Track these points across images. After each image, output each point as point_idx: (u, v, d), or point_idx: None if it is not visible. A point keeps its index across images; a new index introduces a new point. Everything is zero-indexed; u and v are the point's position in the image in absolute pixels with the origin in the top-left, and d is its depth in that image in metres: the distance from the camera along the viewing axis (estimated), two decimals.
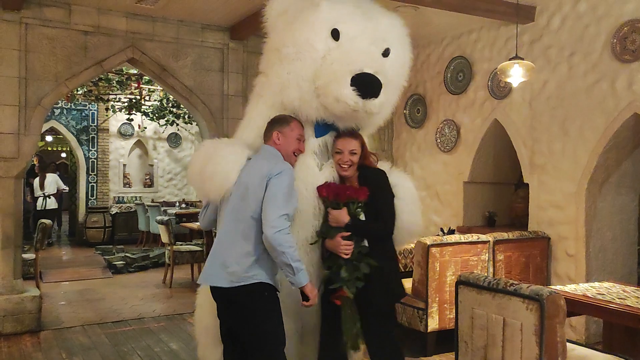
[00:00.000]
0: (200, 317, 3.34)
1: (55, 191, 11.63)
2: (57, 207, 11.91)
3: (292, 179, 2.88)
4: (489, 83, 5.93)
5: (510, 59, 4.58)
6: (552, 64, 5.28)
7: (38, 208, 11.52)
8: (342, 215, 2.93)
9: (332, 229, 2.97)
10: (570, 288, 3.63)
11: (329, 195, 2.98)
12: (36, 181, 11.62)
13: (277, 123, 3.02)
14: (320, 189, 3.02)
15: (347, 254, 2.91)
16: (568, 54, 5.14)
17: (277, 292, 2.90)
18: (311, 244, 3.04)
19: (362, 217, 2.98)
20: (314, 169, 3.11)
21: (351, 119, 3.06)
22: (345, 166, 3.03)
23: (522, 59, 4.57)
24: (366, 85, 2.90)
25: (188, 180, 3.70)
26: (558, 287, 3.65)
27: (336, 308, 2.97)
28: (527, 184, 5.55)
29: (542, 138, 5.37)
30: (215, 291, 2.92)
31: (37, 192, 11.48)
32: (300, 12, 3.09)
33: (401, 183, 3.21)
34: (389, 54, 3.17)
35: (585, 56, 4.98)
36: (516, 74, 4.57)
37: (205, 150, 3.12)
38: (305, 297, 2.81)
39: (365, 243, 2.98)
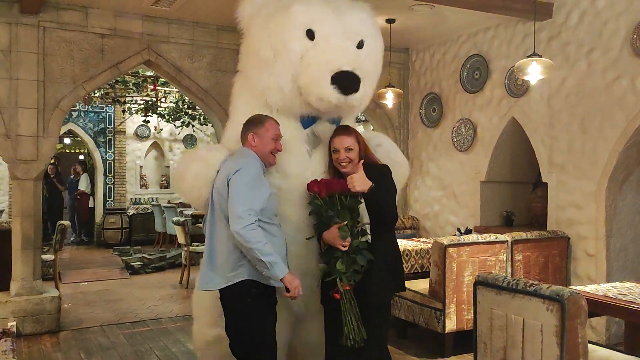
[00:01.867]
0: (200, 297, 3.36)
1: (89, 190, 12.02)
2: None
3: (255, 174, 2.88)
4: (506, 81, 5.87)
5: (528, 57, 4.53)
6: (570, 61, 5.20)
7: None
8: (362, 179, 2.88)
9: (330, 221, 2.93)
10: (590, 288, 3.57)
11: (321, 190, 2.95)
12: (85, 178, 11.92)
13: (251, 124, 3.03)
14: (311, 185, 3.00)
15: (344, 246, 2.89)
16: (587, 51, 5.06)
17: (269, 287, 2.86)
18: (307, 238, 3.06)
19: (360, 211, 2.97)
20: (305, 156, 3.23)
21: (334, 112, 3.24)
22: (344, 163, 3.05)
23: (540, 56, 4.51)
24: (346, 82, 3.01)
25: (177, 191, 3.90)
26: (578, 288, 3.59)
27: (336, 301, 2.93)
28: (546, 183, 5.49)
29: (560, 136, 5.30)
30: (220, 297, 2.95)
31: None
32: (273, 14, 3.20)
33: (380, 138, 3.61)
34: (363, 45, 3.28)
35: (605, 53, 4.91)
36: (534, 72, 4.51)
37: (183, 159, 3.37)
38: (286, 289, 2.81)
39: (367, 238, 2.95)
